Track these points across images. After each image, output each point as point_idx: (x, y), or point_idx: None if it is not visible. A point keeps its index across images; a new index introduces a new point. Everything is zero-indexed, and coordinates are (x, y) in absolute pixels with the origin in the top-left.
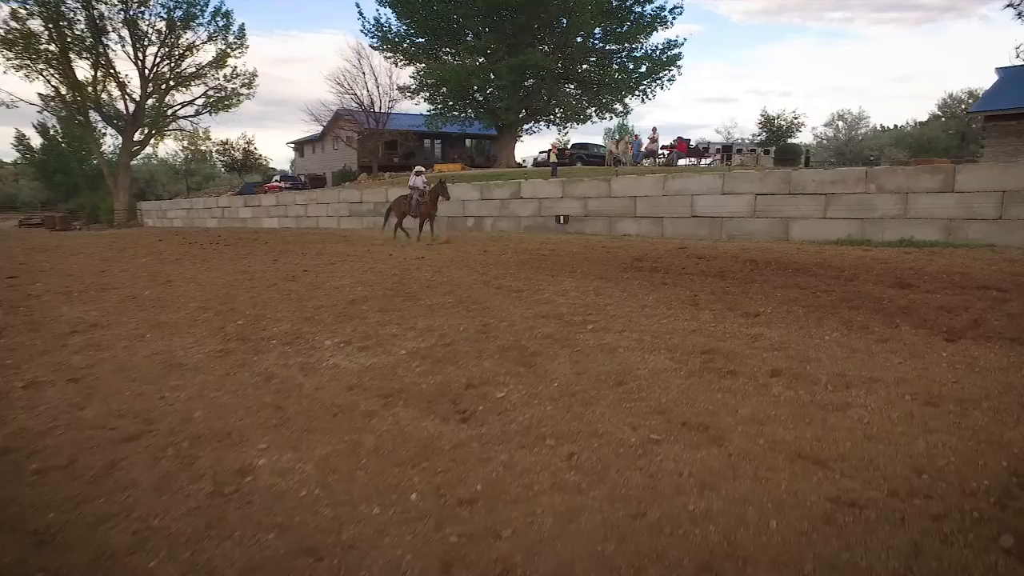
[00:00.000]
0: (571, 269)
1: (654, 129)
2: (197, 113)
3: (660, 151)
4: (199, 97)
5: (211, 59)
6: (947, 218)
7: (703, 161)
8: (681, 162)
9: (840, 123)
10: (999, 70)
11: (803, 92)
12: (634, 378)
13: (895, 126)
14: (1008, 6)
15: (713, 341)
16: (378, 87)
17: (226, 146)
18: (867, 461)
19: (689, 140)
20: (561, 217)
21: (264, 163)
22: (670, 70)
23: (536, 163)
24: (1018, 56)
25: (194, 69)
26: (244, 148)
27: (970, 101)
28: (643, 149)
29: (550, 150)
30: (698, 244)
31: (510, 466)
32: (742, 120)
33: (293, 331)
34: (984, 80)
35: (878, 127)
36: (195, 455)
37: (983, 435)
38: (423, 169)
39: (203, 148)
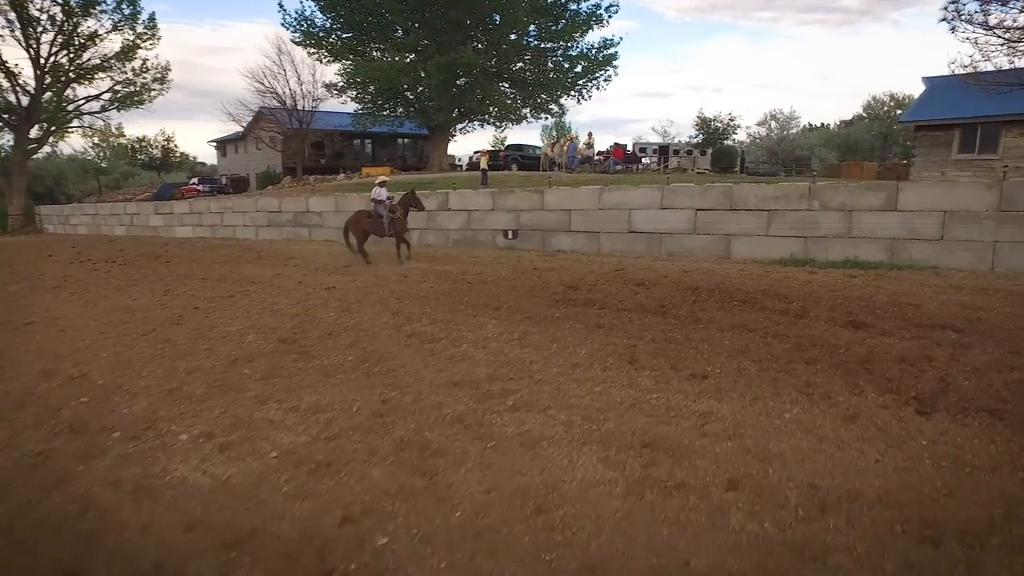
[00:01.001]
0: (496, 304)
1: (589, 134)
2: (104, 109)
3: (595, 157)
4: (106, 91)
5: (117, 50)
6: (891, 238)
7: (642, 162)
8: (617, 167)
9: (773, 123)
10: (927, 80)
11: (734, 89)
12: (558, 499)
13: (822, 124)
14: (943, 20)
15: (655, 424)
16: (300, 84)
17: (143, 143)
18: None
19: (625, 146)
20: (509, 232)
21: (191, 160)
22: (606, 70)
23: (472, 163)
24: (952, 70)
25: (99, 61)
26: (163, 145)
27: (891, 104)
28: (578, 154)
29: (480, 155)
30: (636, 263)
31: None
32: (678, 116)
33: (148, 414)
34: (901, 82)
35: (807, 126)
36: None
37: None
38: (387, 179)
39: (116, 145)
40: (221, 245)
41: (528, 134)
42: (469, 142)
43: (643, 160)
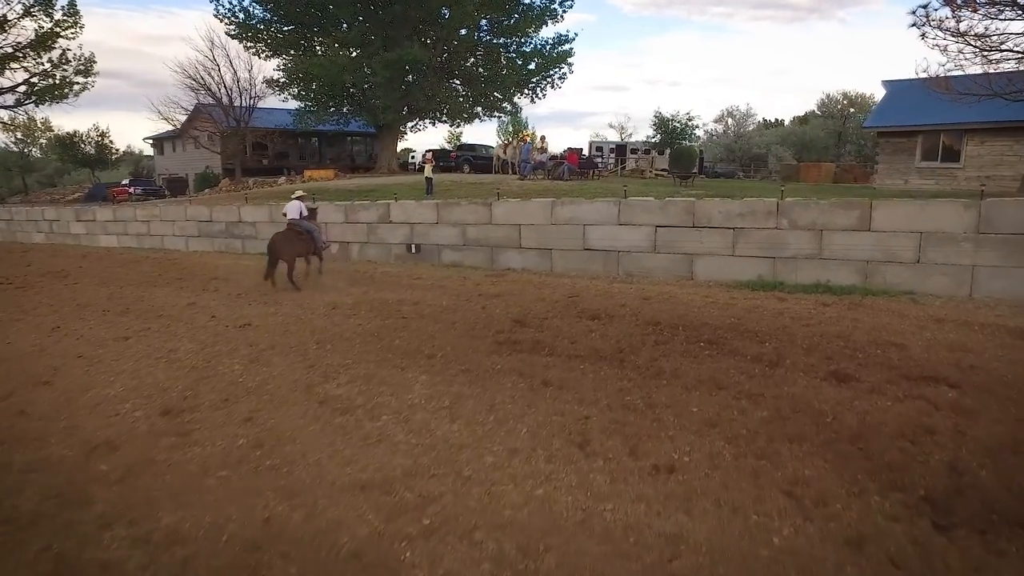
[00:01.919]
0: (430, 351)
1: (542, 138)
2: (19, 103)
3: (548, 162)
4: (20, 84)
5: (31, 39)
6: (864, 260)
7: (597, 165)
8: (572, 175)
9: (730, 119)
10: (887, 83)
11: (690, 83)
12: None
13: (776, 120)
14: (912, 26)
15: (610, 558)
16: (237, 81)
17: (74, 138)
18: None
19: (580, 150)
20: (413, 247)
21: (137, 155)
22: (561, 67)
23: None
24: (918, 74)
25: (11, 49)
26: (97, 141)
27: (844, 103)
28: (531, 157)
29: (425, 160)
30: (592, 287)
31: None
32: (636, 110)
33: None
34: (851, 80)
35: (762, 121)
36: None
37: None
38: (304, 194)
39: (42, 141)
40: (145, 258)
41: (483, 132)
42: (425, 137)
43: (598, 161)
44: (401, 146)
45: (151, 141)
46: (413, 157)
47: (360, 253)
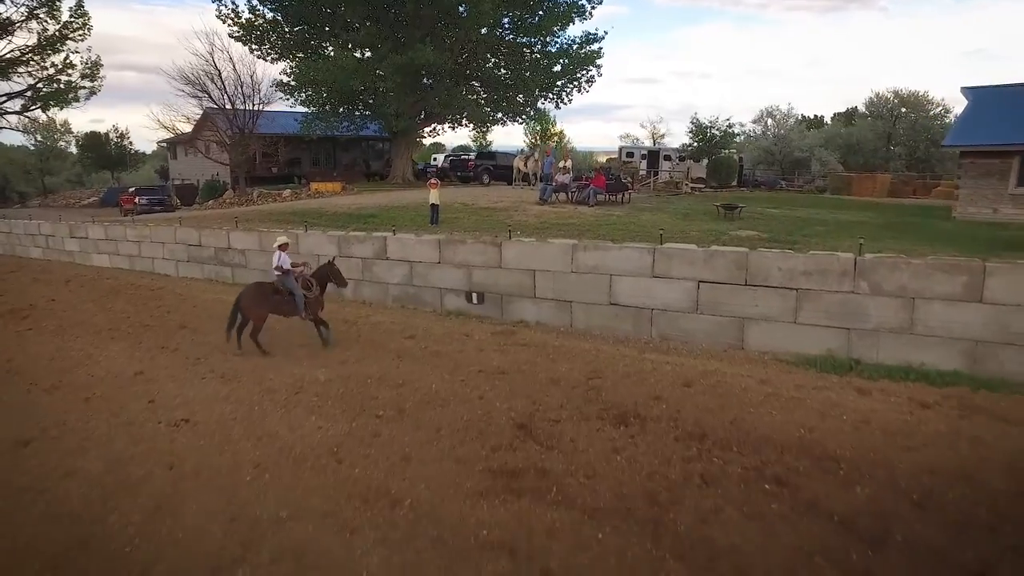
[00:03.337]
0: (399, 489)
1: (566, 156)
2: (25, 108)
3: (572, 186)
4: (26, 90)
5: (35, 43)
6: (972, 339)
7: (628, 191)
8: (599, 197)
9: (769, 120)
10: (969, 91)
11: (722, 75)
12: None
13: (815, 117)
14: None
15: None
16: (241, 86)
17: (96, 139)
18: None
19: (609, 169)
20: (473, 296)
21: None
22: (589, 69)
23: (442, 168)
24: None
25: (18, 54)
26: (116, 142)
27: (895, 101)
28: (552, 178)
29: (430, 183)
30: (618, 360)
31: None
32: (666, 102)
33: None
34: (894, 73)
35: (800, 117)
36: None
37: None
38: (288, 241)
39: (58, 145)
40: (125, 288)
41: (510, 132)
42: (448, 138)
43: (627, 181)
44: (428, 141)
45: (165, 144)
46: (435, 160)
47: (354, 292)
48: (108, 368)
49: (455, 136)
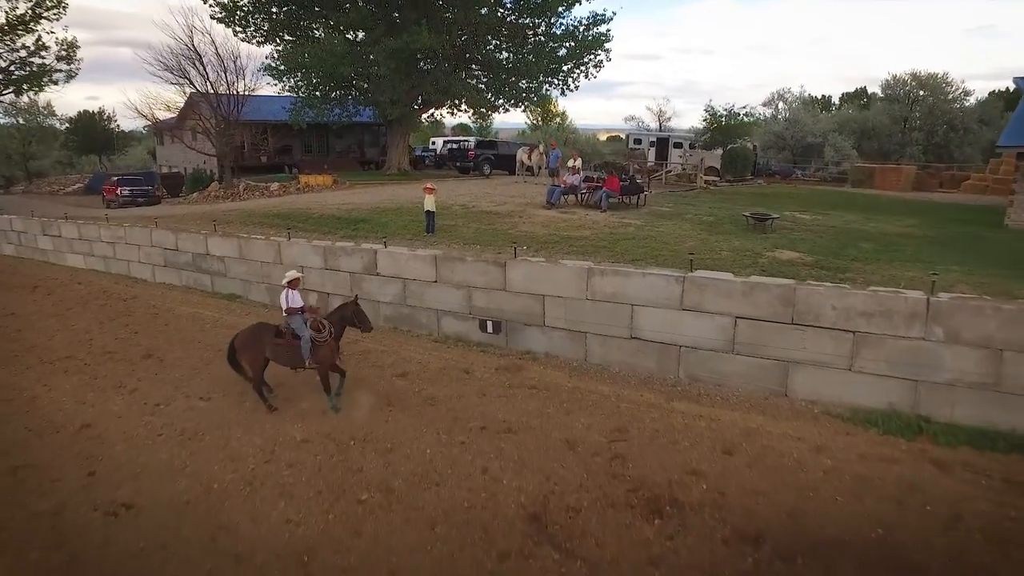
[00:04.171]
0: None
1: (576, 156)
2: None
3: (582, 187)
4: None
5: (2, 23)
6: None
7: (642, 191)
8: (612, 200)
9: (780, 103)
10: (1021, 80)
11: (725, 51)
12: None
13: (822, 97)
14: None
15: None
16: (224, 71)
17: (85, 121)
18: None
19: (624, 169)
20: (488, 324)
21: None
22: (596, 53)
23: (439, 157)
24: None
25: None
26: (103, 126)
27: (912, 83)
28: (559, 179)
29: (425, 191)
30: (644, 415)
31: None
32: (668, 80)
33: None
34: (911, 52)
35: (807, 96)
36: None
37: None
38: (299, 276)
39: (42, 126)
40: (96, 296)
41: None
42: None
43: (641, 181)
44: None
45: (151, 129)
46: (433, 144)
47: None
48: (51, 418)
49: (453, 119)
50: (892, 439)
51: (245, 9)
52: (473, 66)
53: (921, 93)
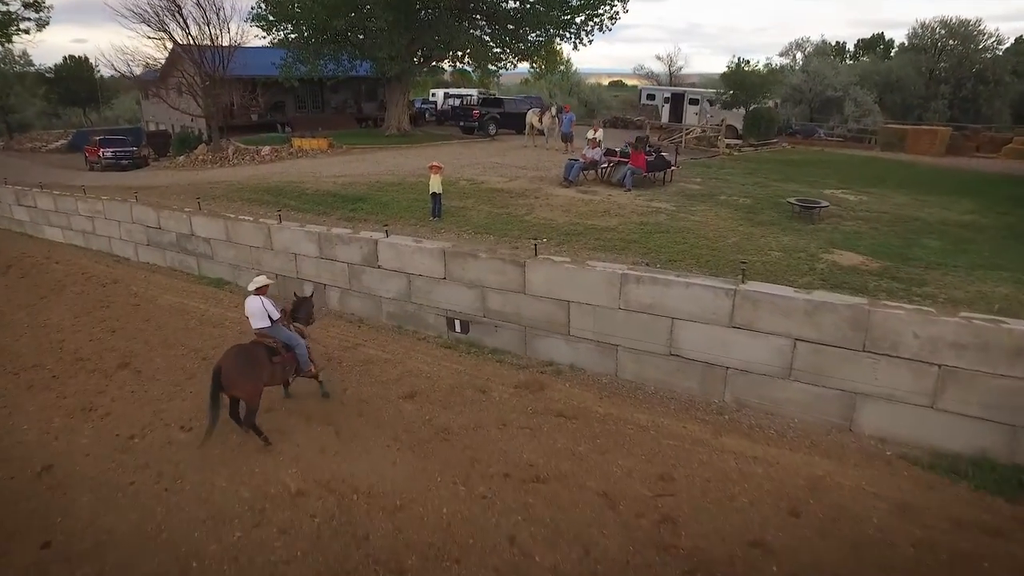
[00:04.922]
0: None
1: (596, 128)
2: None
3: (603, 162)
4: None
5: None
6: None
7: (670, 163)
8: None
9: (798, 53)
10: None
11: None
12: None
13: (837, 44)
14: None
15: None
16: (207, 23)
17: (71, 70)
18: None
19: (648, 142)
20: (457, 323)
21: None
22: (612, 4)
23: (441, 112)
24: None
25: None
26: (87, 76)
27: (942, 32)
28: (571, 146)
29: (431, 170)
30: (691, 454)
31: None
32: (672, 22)
33: None
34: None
35: (821, 42)
36: None
37: None
38: (269, 283)
39: (17, 75)
40: (74, 279)
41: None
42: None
43: (666, 155)
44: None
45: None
46: (433, 96)
47: (340, 303)
48: (9, 454)
49: (454, 69)
50: (989, 498)
51: None
52: (477, 16)
53: (951, 43)
